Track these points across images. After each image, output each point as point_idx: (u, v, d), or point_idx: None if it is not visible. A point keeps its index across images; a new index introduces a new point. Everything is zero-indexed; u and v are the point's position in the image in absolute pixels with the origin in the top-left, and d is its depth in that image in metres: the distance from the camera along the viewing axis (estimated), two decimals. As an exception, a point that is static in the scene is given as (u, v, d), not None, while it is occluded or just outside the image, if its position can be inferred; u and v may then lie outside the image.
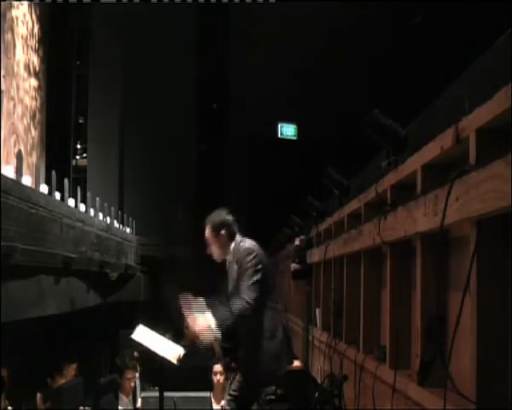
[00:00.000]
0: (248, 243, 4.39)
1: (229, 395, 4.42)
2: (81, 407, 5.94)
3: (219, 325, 4.08)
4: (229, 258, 4.46)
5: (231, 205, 4.53)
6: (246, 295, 4.12)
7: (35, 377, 6.49)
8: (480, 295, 1.90)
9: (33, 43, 8.67)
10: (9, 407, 5.68)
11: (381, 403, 2.98)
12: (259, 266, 4.28)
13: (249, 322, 4.26)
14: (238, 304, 4.11)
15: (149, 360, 4.94)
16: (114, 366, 7.84)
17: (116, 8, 10.50)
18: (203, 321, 4.10)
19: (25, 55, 8.31)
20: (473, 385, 1.90)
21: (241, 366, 4.38)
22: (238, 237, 4.43)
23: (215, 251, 4.46)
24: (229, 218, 4.48)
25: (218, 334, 4.10)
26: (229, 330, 4.18)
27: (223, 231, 4.41)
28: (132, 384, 6.82)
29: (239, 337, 4.44)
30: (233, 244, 4.41)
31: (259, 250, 4.44)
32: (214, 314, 4.09)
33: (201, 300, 4.20)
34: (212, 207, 4.58)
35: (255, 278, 4.20)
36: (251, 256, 4.28)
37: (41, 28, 8.91)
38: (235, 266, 4.33)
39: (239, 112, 11.58)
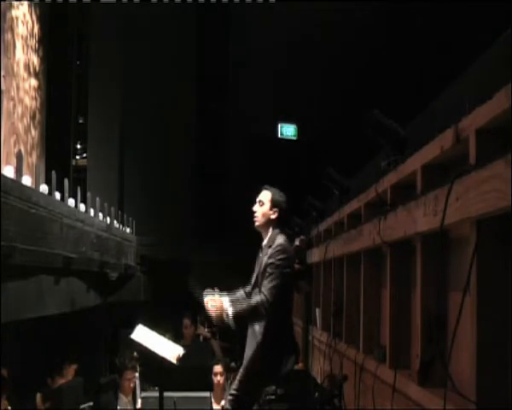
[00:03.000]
0: (283, 239, 4.27)
1: (230, 394, 4.41)
2: (81, 407, 5.94)
3: (233, 306, 4.02)
4: (264, 240, 4.36)
5: (231, 205, 4.49)
6: (267, 294, 4.05)
7: (35, 377, 6.49)
8: (479, 295, 1.90)
9: (33, 43, 8.66)
10: (9, 407, 5.67)
11: (381, 403, 2.99)
12: (287, 270, 4.19)
13: (259, 322, 4.20)
14: (257, 297, 4.06)
15: (149, 359, 4.93)
16: (114, 366, 7.83)
17: (116, 8, 10.50)
18: (217, 301, 4.05)
19: (25, 55, 8.30)
20: (473, 385, 1.90)
21: (244, 366, 4.35)
22: (278, 229, 4.33)
23: (259, 216, 4.34)
24: (286, 206, 4.38)
25: (230, 313, 4.01)
26: (240, 318, 4.09)
27: (275, 209, 4.32)
28: (132, 385, 6.81)
29: (243, 336, 4.40)
30: (274, 231, 4.30)
31: (291, 251, 4.39)
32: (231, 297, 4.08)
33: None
34: (212, 207, 4.56)
35: (279, 282, 4.09)
36: (283, 256, 4.16)
37: (41, 28, 8.90)
38: (266, 255, 4.21)
39: (239, 112, 11.56)
